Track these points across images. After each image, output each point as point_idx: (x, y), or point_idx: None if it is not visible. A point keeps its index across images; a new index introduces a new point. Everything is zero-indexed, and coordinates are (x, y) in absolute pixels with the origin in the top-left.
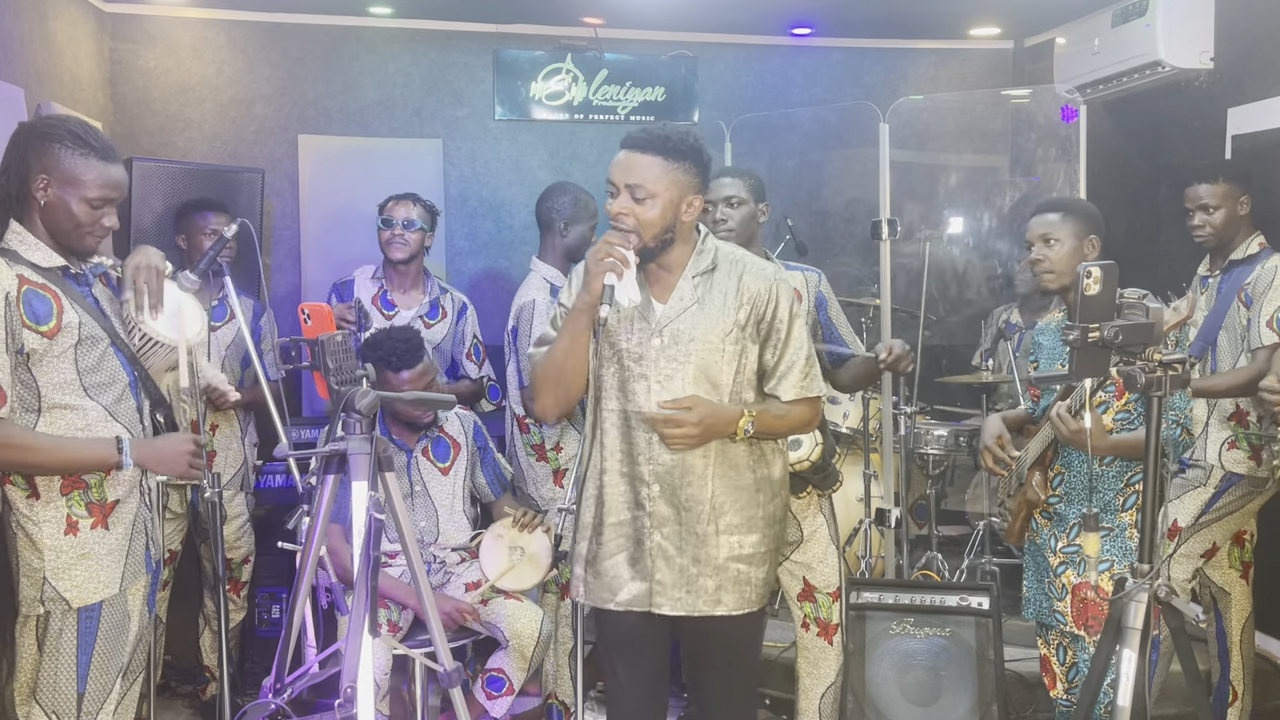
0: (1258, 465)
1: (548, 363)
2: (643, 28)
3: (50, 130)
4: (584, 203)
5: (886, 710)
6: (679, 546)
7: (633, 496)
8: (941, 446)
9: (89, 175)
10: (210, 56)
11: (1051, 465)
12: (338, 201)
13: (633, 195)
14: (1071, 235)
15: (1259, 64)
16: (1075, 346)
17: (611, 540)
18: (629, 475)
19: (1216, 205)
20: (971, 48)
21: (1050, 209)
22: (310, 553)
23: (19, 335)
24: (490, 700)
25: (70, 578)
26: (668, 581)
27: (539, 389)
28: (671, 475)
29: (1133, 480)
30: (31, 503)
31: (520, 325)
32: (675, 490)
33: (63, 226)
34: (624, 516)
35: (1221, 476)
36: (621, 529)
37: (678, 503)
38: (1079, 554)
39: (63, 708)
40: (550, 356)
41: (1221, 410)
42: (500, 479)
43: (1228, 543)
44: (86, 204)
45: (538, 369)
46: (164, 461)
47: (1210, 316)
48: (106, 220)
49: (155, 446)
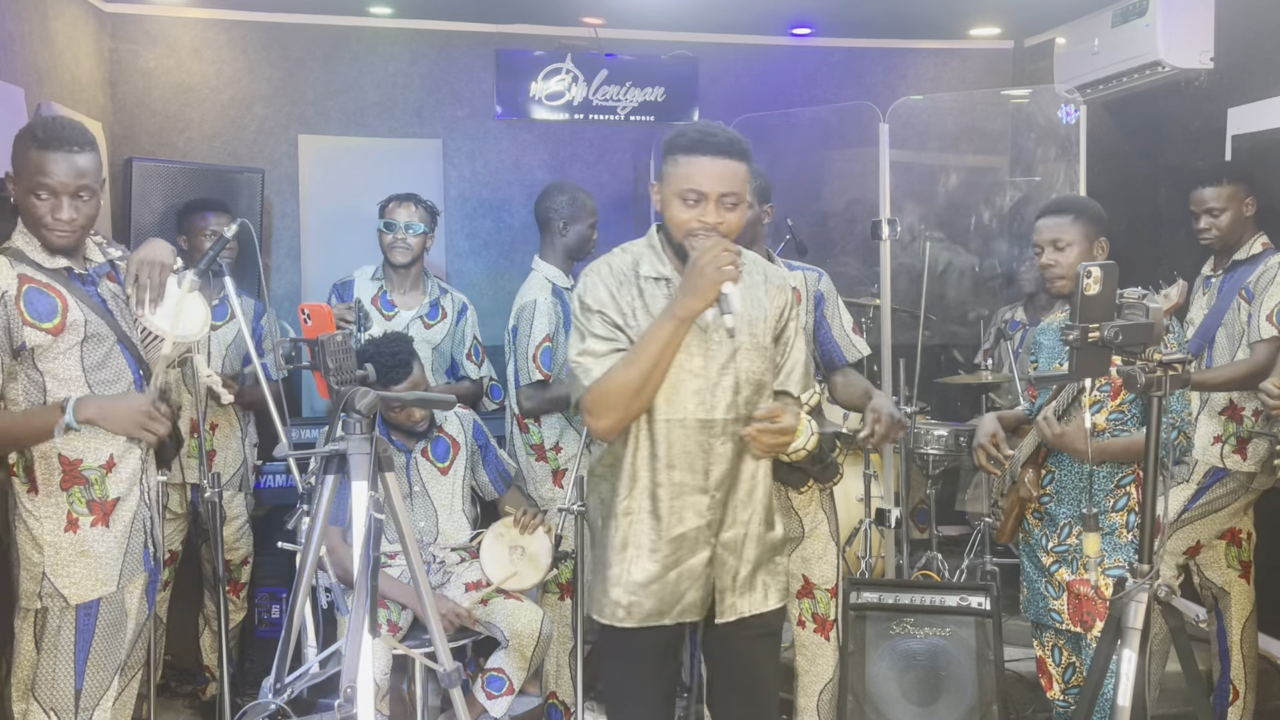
0: (1243, 460)
1: (625, 376)
2: (643, 28)
3: (23, 130)
4: (582, 201)
5: (886, 710)
6: (737, 550)
7: (695, 506)
8: (941, 446)
9: (29, 167)
10: (210, 56)
11: (1044, 464)
12: (338, 201)
13: (723, 203)
14: (1082, 238)
15: (1259, 64)
16: (1075, 346)
17: (671, 554)
18: (689, 485)
19: (1222, 208)
20: (971, 48)
21: (1059, 211)
22: (310, 553)
23: (18, 333)
24: (490, 700)
25: (69, 574)
26: (728, 587)
27: (607, 405)
28: (729, 479)
29: (1123, 482)
30: (32, 497)
31: (520, 324)
32: (732, 492)
33: (28, 223)
34: (685, 529)
35: (1205, 472)
36: (684, 542)
37: (735, 505)
38: (1070, 552)
39: (60, 704)
40: (631, 368)
41: (1212, 405)
42: (504, 475)
43: (1223, 542)
44: (33, 196)
45: (609, 384)
46: (115, 419)
47: (1210, 315)
48: (56, 212)
49: (109, 403)
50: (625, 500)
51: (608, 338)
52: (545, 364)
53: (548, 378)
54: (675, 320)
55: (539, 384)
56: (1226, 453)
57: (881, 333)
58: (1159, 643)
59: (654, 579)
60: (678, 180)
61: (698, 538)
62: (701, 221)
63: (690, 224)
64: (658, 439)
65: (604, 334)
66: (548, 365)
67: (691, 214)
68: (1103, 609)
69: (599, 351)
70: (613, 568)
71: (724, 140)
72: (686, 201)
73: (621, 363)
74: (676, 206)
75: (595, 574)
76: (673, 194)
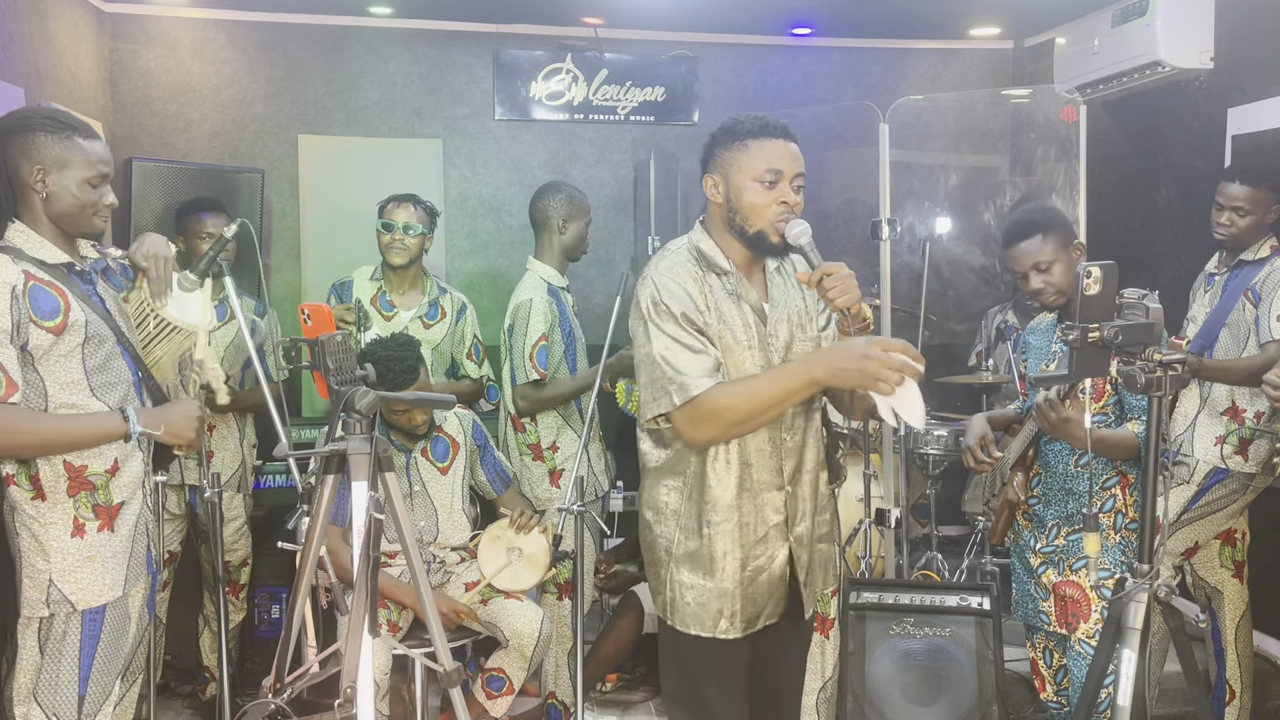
0: (1245, 461)
1: (741, 406)
2: (643, 28)
3: (26, 123)
4: (579, 200)
5: (886, 710)
6: (808, 545)
7: (773, 503)
8: (941, 446)
9: (79, 155)
10: (210, 56)
11: (1032, 466)
12: (338, 201)
13: (794, 184)
14: (1059, 250)
15: (1259, 64)
16: (1075, 346)
17: (761, 556)
18: (767, 483)
19: (1249, 210)
20: (971, 48)
21: (1027, 233)
22: (310, 553)
23: (25, 329)
24: (490, 700)
25: (76, 580)
26: (802, 579)
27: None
28: (797, 473)
29: (1108, 484)
30: (37, 504)
31: (516, 324)
32: (798, 486)
33: (68, 213)
34: (768, 528)
35: (1206, 473)
36: (768, 542)
37: (802, 498)
38: (1057, 554)
39: (63, 709)
40: (749, 400)
41: (1214, 405)
42: (502, 475)
43: (1217, 542)
44: (86, 184)
45: (718, 404)
46: (174, 426)
47: (1213, 314)
48: (107, 198)
49: (165, 412)
50: (710, 508)
51: (698, 348)
52: (541, 363)
53: (543, 376)
54: (813, 382)
55: (535, 383)
56: (1228, 453)
57: (882, 333)
58: (1158, 642)
59: (749, 583)
60: (754, 163)
61: (776, 536)
62: (783, 203)
63: (771, 207)
64: (744, 443)
65: (693, 343)
66: (544, 364)
67: (770, 196)
68: (1087, 611)
69: (694, 361)
70: (706, 578)
71: (784, 125)
72: (764, 184)
73: (739, 390)
74: (753, 191)
75: (674, 587)
76: (748, 178)
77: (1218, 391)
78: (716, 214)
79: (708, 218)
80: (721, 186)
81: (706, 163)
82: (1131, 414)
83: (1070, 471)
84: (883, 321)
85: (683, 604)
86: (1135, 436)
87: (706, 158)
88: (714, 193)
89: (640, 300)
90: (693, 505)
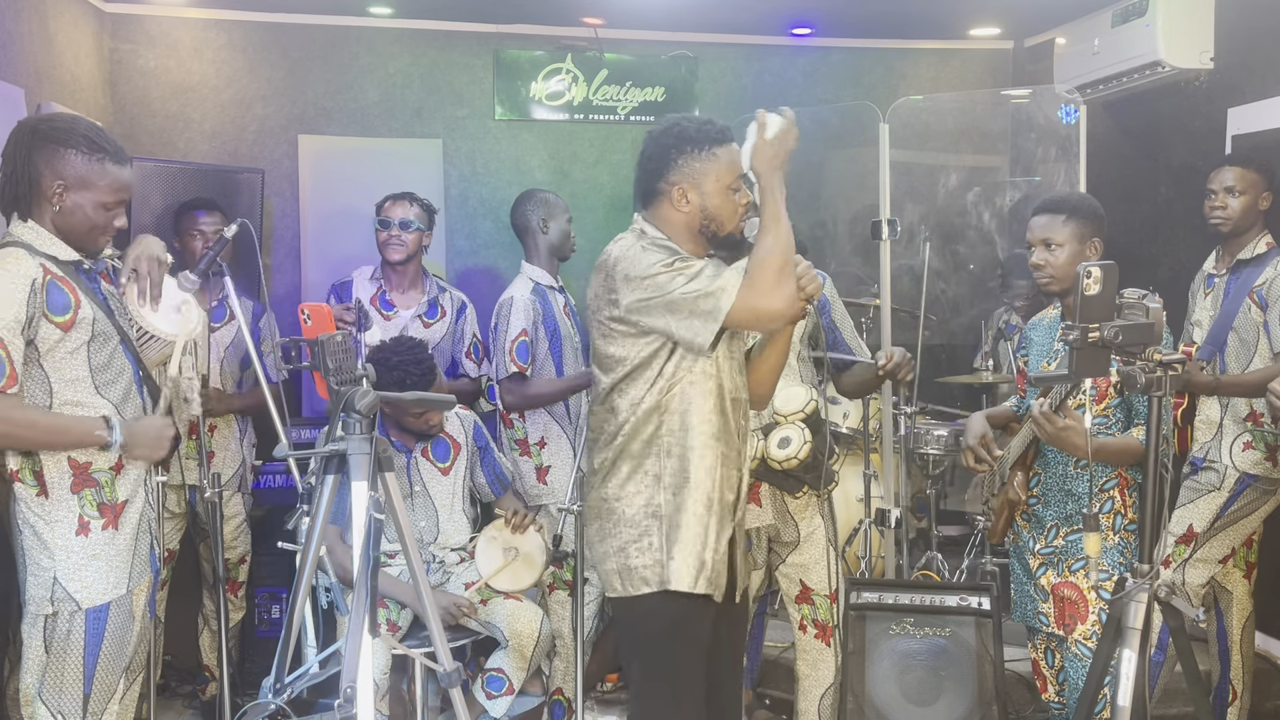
0: (1274, 466)
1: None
2: (643, 28)
3: (62, 134)
4: (553, 201)
5: (886, 710)
6: (744, 529)
7: (731, 480)
8: (941, 446)
9: (104, 180)
10: (210, 56)
11: (1031, 466)
12: (338, 201)
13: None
14: (1074, 239)
15: (1259, 64)
16: (1075, 347)
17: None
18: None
19: (1242, 190)
20: (971, 48)
21: (1054, 209)
22: (310, 553)
23: (37, 323)
24: (490, 700)
25: (80, 578)
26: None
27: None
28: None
29: (1107, 485)
30: (42, 501)
31: (499, 321)
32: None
33: (77, 230)
34: (728, 501)
35: (1236, 479)
36: (726, 515)
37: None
38: (1055, 555)
39: (68, 707)
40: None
41: (1235, 411)
42: (501, 478)
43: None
44: (101, 207)
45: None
46: (148, 445)
47: (1219, 319)
48: (118, 221)
49: (139, 430)
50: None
51: (702, 265)
52: (521, 357)
53: (523, 369)
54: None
55: (516, 377)
56: (1256, 459)
57: (881, 333)
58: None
59: (715, 551)
60: (723, 172)
61: (730, 514)
62: (746, 204)
63: (738, 210)
64: (724, 410)
65: (696, 264)
66: (524, 358)
67: (737, 200)
68: (1085, 612)
69: (711, 269)
70: (686, 530)
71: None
72: (734, 190)
73: (763, 249)
74: (726, 198)
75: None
76: (722, 186)
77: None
78: (680, 221)
79: (661, 222)
80: (693, 196)
81: (665, 171)
82: (1138, 419)
83: (1069, 472)
84: (883, 321)
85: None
86: (1138, 442)
87: (664, 166)
88: (682, 203)
89: (625, 286)
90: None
